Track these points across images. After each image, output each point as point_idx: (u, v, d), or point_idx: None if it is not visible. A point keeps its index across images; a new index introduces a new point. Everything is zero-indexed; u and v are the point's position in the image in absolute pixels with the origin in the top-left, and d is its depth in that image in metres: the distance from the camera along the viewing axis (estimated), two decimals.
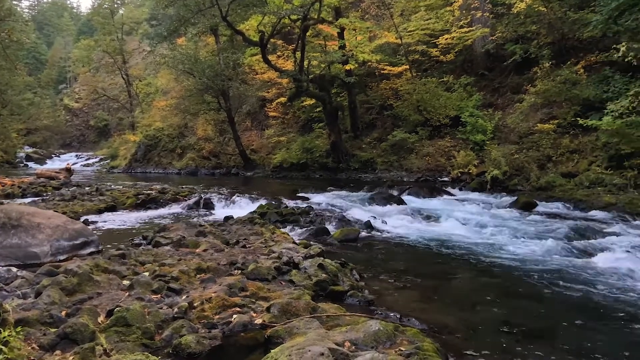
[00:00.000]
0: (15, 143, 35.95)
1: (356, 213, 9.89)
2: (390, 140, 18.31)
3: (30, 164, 35.07)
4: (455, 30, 18.57)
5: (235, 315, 3.81)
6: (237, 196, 12.12)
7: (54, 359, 3.01)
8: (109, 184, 16.50)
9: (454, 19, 19.16)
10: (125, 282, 4.64)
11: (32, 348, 3.08)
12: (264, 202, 10.94)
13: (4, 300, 3.93)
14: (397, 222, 9.01)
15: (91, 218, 9.51)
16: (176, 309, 3.86)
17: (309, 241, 7.06)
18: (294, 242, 6.86)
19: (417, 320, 4.02)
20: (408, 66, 19.62)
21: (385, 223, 8.86)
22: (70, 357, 2.99)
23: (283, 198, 11.81)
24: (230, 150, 24.58)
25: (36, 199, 12.06)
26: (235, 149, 23.48)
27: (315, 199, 12.01)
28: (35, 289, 4.22)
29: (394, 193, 12.45)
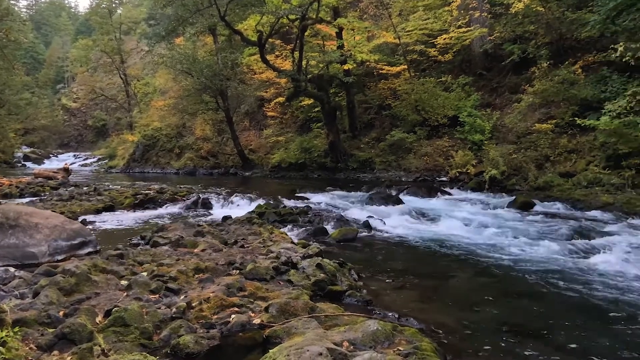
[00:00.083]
0: (12, 143, 35.88)
1: (354, 213, 9.90)
2: (388, 140, 18.33)
3: (28, 164, 34.97)
4: (453, 30, 18.61)
5: (233, 315, 3.80)
6: (236, 196, 12.11)
7: (52, 359, 3.01)
8: (107, 183, 16.47)
9: (452, 19, 19.20)
10: (123, 282, 4.63)
11: (30, 348, 3.07)
12: (262, 202, 10.93)
13: (2, 300, 3.93)
14: (396, 222, 9.01)
15: (89, 218, 9.49)
16: (174, 309, 3.86)
17: (308, 241, 7.05)
18: (292, 242, 6.86)
19: (416, 320, 4.02)
20: (406, 66, 19.64)
21: (384, 223, 8.86)
22: (68, 358, 2.99)
23: (281, 198, 11.80)
24: (229, 150, 24.57)
25: (34, 199, 12.03)
26: (234, 149, 23.47)
27: (314, 199, 12.01)
28: (33, 289, 4.21)
29: (393, 193, 12.46)
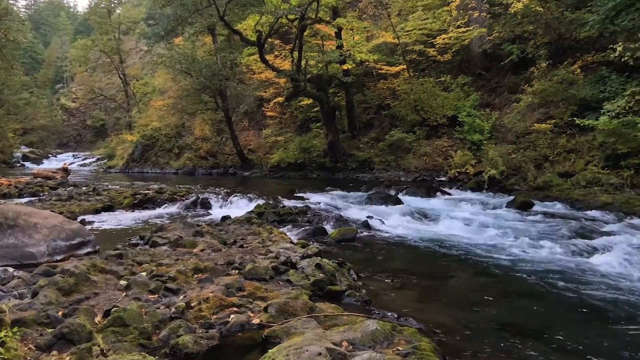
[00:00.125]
0: (11, 143, 35.87)
1: (354, 213, 9.90)
2: (387, 140, 18.33)
3: (27, 164, 34.94)
4: (452, 30, 18.62)
5: (232, 315, 3.80)
6: (235, 196, 12.10)
7: (51, 359, 3.01)
8: (106, 183, 16.45)
9: (452, 19, 19.21)
10: (122, 282, 4.63)
11: (29, 348, 3.07)
12: (261, 202, 10.93)
13: (1, 300, 3.92)
14: (395, 222, 9.02)
15: (88, 218, 9.48)
16: (173, 309, 3.85)
17: (307, 241, 7.05)
18: (292, 242, 6.85)
19: (415, 320, 4.02)
20: (405, 66, 19.64)
21: (383, 223, 8.87)
22: (67, 358, 2.99)
23: (280, 198, 11.80)
24: (228, 150, 24.56)
25: (33, 199, 12.01)
26: (233, 149, 23.46)
27: (313, 199, 12.00)
28: (32, 289, 4.20)
29: (392, 193, 12.46)
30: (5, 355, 2.80)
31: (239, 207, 11.08)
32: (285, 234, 7.62)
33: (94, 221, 9.29)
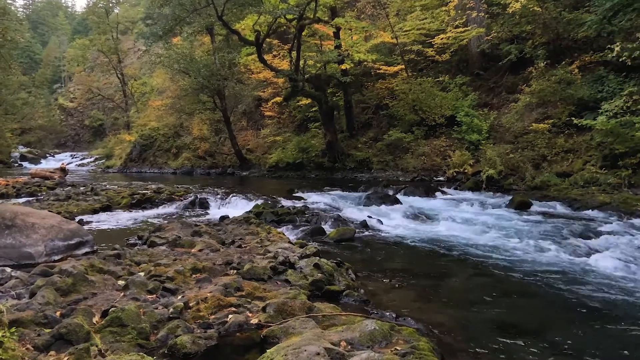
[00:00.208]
0: (9, 143, 35.77)
1: (352, 213, 9.90)
2: (386, 139, 18.35)
3: (25, 164, 34.88)
4: (450, 30, 18.65)
5: (231, 315, 3.80)
6: (233, 196, 12.08)
7: None
8: (104, 183, 16.42)
9: (450, 19, 19.24)
10: (120, 283, 4.62)
11: (27, 349, 3.06)
12: (259, 202, 10.92)
13: None
14: (393, 222, 9.03)
15: (86, 218, 9.46)
16: (171, 309, 3.85)
17: (305, 241, 7.06)
18: (290, 242, 6.85)
19: (413, 320, 4.02)
20: (404, 66, 19.66)
21: (381, 223, 8.88)
22: (65, 358, 2.98)
23: (279, 198, 11.79)
24: (226, 149, 24.55)
25: (30, 198, 11.98)
26: (231, 149, 23.45)
27: (311, 199, 12.00)
28: (30, 290, 4.19)
29: (390, 193, 12.47)
30: (3, 355, 2.79)
31: (237, 207, 11.06)
32: (284, 234, 7.61)
33: (92, 221, 9.27)
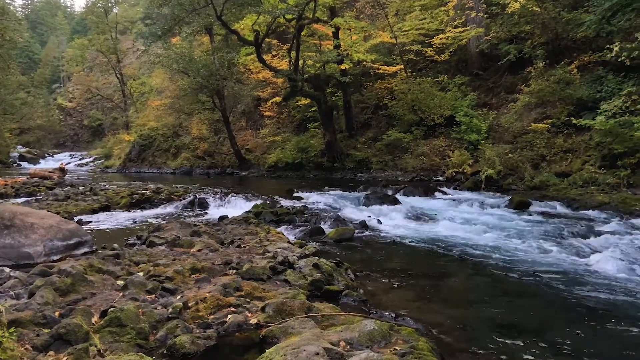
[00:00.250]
0: (8, 143, 35.75)
1: (351, 212, 9.90)
2: (385, 139, 18.36)
3: (24, 164, 34.83)
4: (449, 30, 18.66)
5: (230, 315, 3.80)
6: (232, 196, 12.08)
7: None
8: (103, 183, 16.40)
9: (449, 19, 19.24)
10: (119, 283, 4.62)
11: (26, 349, 3.06)
12: (258, 202, 10.91)
13: None
14: (392, 222, 9.03)
15: (85, 218, 9.45)
16: (170, 309, 3.84)
17: (304, 241, 7.06)
18: (289, 242, 6.85)
19: (412, 320, 4.02)
20: (403, 66, 19.67)
21: (380, 222, 8.88)
22: (64, 358, 2.98)
23: (278, 198, 11.80)
24: (225, 149, 24.54)
25: (29, 199, 11.97)
26: (230, 149, 23.44)
27: (310, 199, 12.00)
28: (29, 290, 4.19)
29: (389, 192, 12.48)
30: (2, 355, 2.79)
31: (237, 207, 11.06)
32: (283, 234, 7.61)
33: (91, 221, 9.26)
